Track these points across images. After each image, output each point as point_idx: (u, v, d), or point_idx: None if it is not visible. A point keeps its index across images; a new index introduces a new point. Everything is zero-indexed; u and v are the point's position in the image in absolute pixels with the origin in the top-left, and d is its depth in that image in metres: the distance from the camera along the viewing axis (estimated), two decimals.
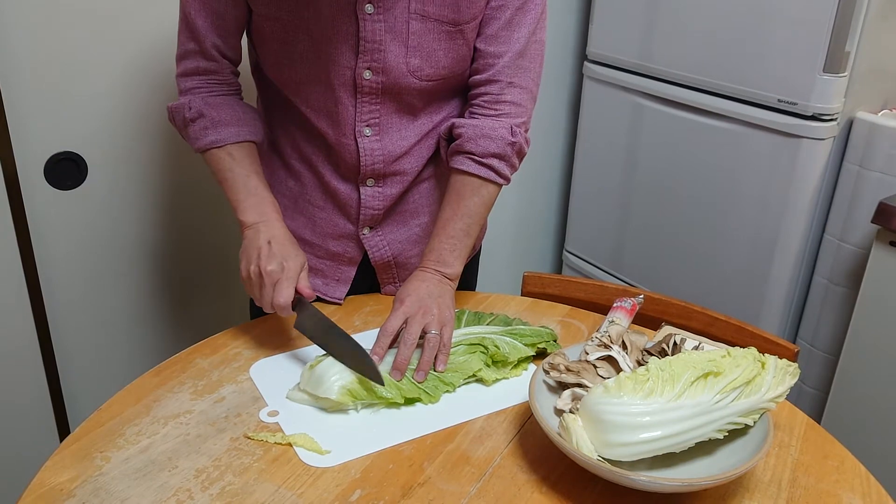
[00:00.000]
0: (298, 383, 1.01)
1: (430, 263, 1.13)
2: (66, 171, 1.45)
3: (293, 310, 1.04)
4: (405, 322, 1.05)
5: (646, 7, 1.89)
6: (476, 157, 1.11)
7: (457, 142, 1.12)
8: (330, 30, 1.05)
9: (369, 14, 1.04)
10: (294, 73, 1.11)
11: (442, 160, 1.19)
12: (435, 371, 1.03)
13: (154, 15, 1.44)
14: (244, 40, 1.16)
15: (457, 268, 1.14)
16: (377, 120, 1.12)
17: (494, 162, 1.11)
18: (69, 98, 1.42)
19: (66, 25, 1.37)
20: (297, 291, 1.04)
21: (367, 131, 1.13)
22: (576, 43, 2.21)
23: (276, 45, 1.10)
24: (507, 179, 1.14)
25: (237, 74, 1.18)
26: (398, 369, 1.01)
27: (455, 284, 1.14)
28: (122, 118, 1.49)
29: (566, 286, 1.33)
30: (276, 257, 1.04)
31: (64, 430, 1.59)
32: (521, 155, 1.14)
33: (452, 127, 1.13)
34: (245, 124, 1.13)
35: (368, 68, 1.07)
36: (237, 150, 1.12)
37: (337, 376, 0.98)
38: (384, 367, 1.01)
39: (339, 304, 1.23)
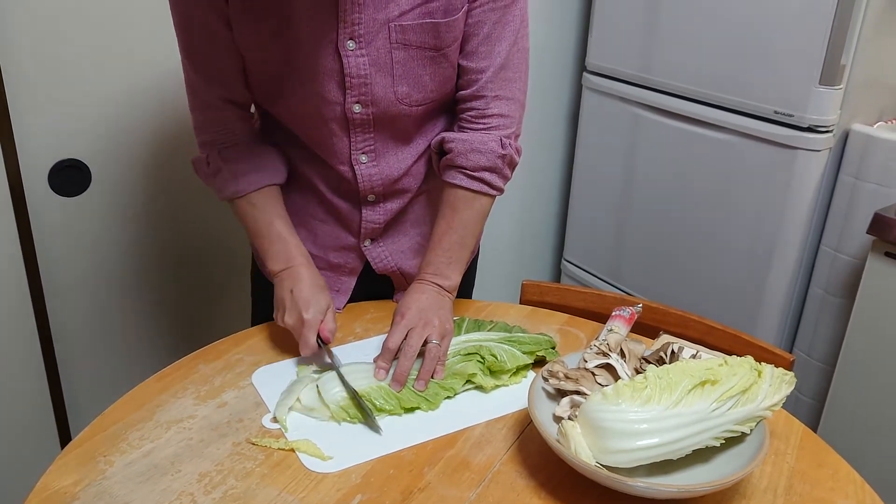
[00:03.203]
0: (298, 398, 1.01)
1: (428, 276, 1.14)
2: (71, 178, 1.46)
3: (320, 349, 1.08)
4: (407, 334, 1.06)
5: (644, 19, 1.90)
6: (467, 172, 1.11)
7: (448, 156, 1.13)
8: (315, 69, 1.05)
9: (351, 50, 1.04)
10: (287, 110, 1.13)
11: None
12: (433, 379, 1.04)
13: (159, 23, 1.45)
14: None
15: (454, 280, 1.15)
16: (372, 147, 1.13)
17: (486, 175, 1.12)
18: (73, 105, 1.43)
19: (70, 34, 1.39)
20: (319, 334, 1.08)
21: (364, 158, 1.14)
22: (575, 54, 2.23)
23: (267, 85, 1.11)
24: (501, 190, 1.15)
25: (249, 115, 1.18)
26: (398, 381, 1.02)
27: (453, 296, 1.15)
28: (126, 125, 1.50)
29: (564, 295, 1.34)
30: (296, 310, 1.07)
31: (65, 436, 1.60)
32: (512, 166, 1.15)
33: (443, 141, 1.14)
34: (262, 170, 1.14)
35: (357, 102, 1.08)
36: (258, 196, 1.14)
37: (337, 389, 1.00)
38: (385, 380, 1.03)
39: (339, 313, 1.24)
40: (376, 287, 1.28)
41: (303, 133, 1.15)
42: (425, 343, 1.06)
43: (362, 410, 0.98)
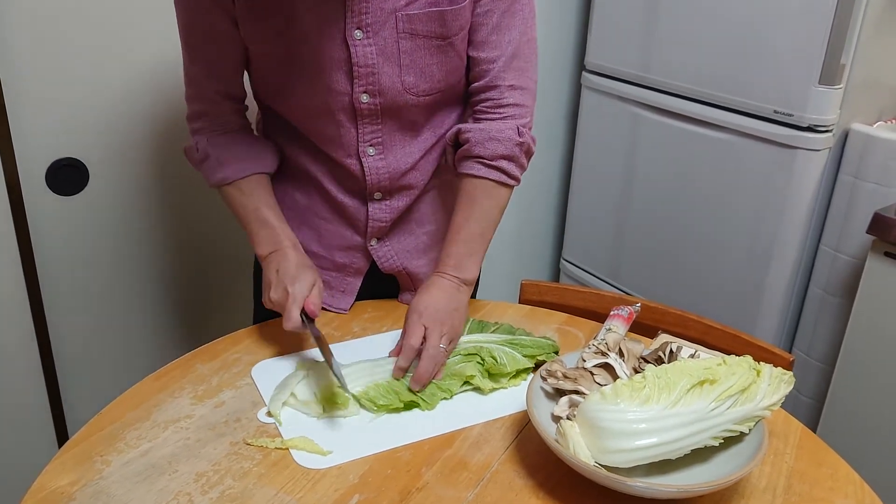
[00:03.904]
0: (293, 392, 1.01)
1: (448, 269, 1.13)
2: (68, 176, 1.46)
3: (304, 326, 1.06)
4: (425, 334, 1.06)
5: (644, 18, 1.90)
6: (485, 161, 1.11)
7: (464, 147, 1.12)
8: (323, 59, 1.06)
9: (359, 39, 1.04)
10: (294, 103, 1.13)
11: (446, 168, 1.20)
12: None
13: (156, 22, 1.45)
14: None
15: (474, 272, 1.14)
16: (380, 139, 1.13)
17: (504, 164, 1.11)
18: (71, 104, 1.43)
19: (68, 32, 1.38)
20: (304, 309, 1.06)
21: (371, 151, 1.14)
22: (574, 53, 2.22)
23: (273, 78, 1.12)
24: (518, 180, 1.15)
25: (244, 109, 1.18)
26: (418, 382, 1.01)
27: (471, 290, 1.15)
28: (124, 124, 1.50)
29: (563, 294, 1.33)
30: (281, 285, 1.06)
31: (62, 436, 1.60)
32: (529, 154, 1.15)
33: (459, 132, 1.13)
34: (250, 159, 1.15)
35: (365, 92, 1.08)
36: (246, 183, 1.14)
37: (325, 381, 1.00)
38: (384, 378, 1.02)
39: (345, 314, 1.23)
40: (382, 287, 1.28)
41: (310, 128, 1.15)
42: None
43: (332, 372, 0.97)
